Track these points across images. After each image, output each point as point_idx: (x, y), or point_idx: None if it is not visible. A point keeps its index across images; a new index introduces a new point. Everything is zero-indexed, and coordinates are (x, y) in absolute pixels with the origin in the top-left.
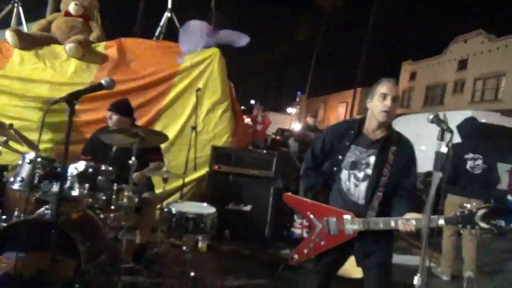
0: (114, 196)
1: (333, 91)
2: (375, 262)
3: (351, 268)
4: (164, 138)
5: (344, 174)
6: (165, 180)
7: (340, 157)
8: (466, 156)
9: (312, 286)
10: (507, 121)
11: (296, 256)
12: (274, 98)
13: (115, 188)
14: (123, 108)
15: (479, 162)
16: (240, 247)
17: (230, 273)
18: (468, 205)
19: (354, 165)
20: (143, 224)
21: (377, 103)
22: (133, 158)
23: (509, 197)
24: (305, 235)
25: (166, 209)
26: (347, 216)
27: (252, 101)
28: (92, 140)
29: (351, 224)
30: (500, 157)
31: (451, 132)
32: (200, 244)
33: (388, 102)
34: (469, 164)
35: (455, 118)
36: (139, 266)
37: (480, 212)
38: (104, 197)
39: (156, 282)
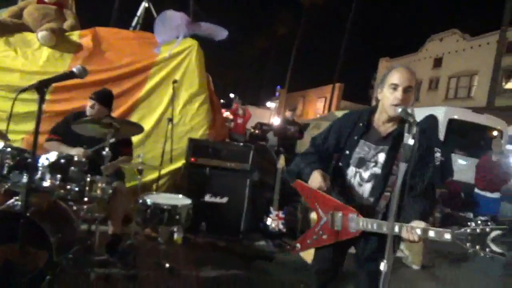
0: (87, 188)
1: (312, 86)
2: (376, 268)
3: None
4: (139, 129)
5: (350, 170)
6: (140, 172)
7: (347, 152)
8: None
9: (312, 283)
10: (478, 118)
11: (298, 245)
12: (254, 92)
13: (88, 179)
14: (106, 98)
15: (438, 154)
16: (216, 239)
17: (205, 264)
18: (478, 222)
19: (362, 163)
20: (113, 214)
21: (388, 95)
22: (106, 149)
23: (476, 190)
24: (280, 226)
25: (141, 201)
26: (352, 214)
27: (232, 95)
28: (65, 123)
29: (356, 222)
30: (470, 152)
31: (417, 125)
32: (175, 236)
33: (399, 94)
34: None
35: (429, 113)
36: (113, 258)
37: (494, 233)
38: (77, 188)
39: (130, 273)
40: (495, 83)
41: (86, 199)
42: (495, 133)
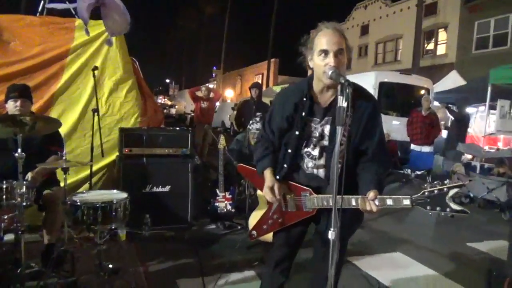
0: (4, 196)
1: (248, 63)
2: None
3: None
4: (57, 124)
5: (303, 149)
6: (65, 171)
7: (297, 132)
8: None
9: (271, 262)
10: (407, 79)
11: (254, 232)
12: (190, 75)
13: (4, 186)
14: (27, 90)
15: None
16: (163, 229)
17: (154, 258)
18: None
19: (309, 142)
20: (49, 223)
21: (318, 62)
22: (19, 150)
23: (412, 146)
24: (229, 207)
25: (69, 202)
26: (304, 193)
27: (167, 80)
28: None
29: (309, 201)
30: (402, 112)
31: (350, 85)
32: (119, 233)
33: (330, 60)
34: None
35: (360, 79)
36: (47, 268)
37: (452, 192)
38: None
39: (69, 281)
40: (418, 45)
41: (4, 208)
42: (422, 91)
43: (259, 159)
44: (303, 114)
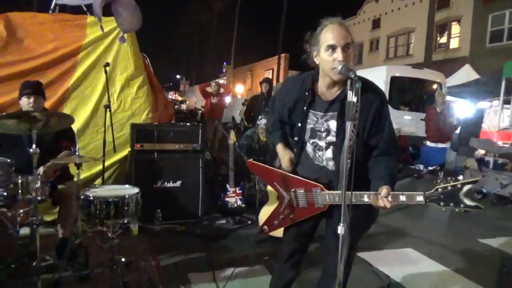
0: (20, 190)
1: (258, 59)
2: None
3: None
4: (69, 120)
5: (307, 142)
6: (78, 166)
7: (299, 124)
8: None
9: (281, 257)
10: (418, 73)
11: (265, 228)
12: (200, 70)
13: (19, 181)
14: (40, 87)
15: None
16: (175, 224)
17: (165, 252)
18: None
19: (314, 134)
20: (63, 218)
21: (326, 58)
22: (33, 146)
23: (428, 143)
24: (239, 202)
25: (82, 197)
26: (316, 188)
27: (178, 76)
28: None
29: (321, 197)
30: (414, 107)
31: (360, 79)
32: (131, 228)
33: (338, 55)
34: None
35: (371, 74)
36: (61, 261)
37: (466, 188)
38: (5, 193)
39: (83, 274)
40: (431, 39)
41: (20, 202)
42: (435, 86)
43: (270, 132)
44: (304, 107)
